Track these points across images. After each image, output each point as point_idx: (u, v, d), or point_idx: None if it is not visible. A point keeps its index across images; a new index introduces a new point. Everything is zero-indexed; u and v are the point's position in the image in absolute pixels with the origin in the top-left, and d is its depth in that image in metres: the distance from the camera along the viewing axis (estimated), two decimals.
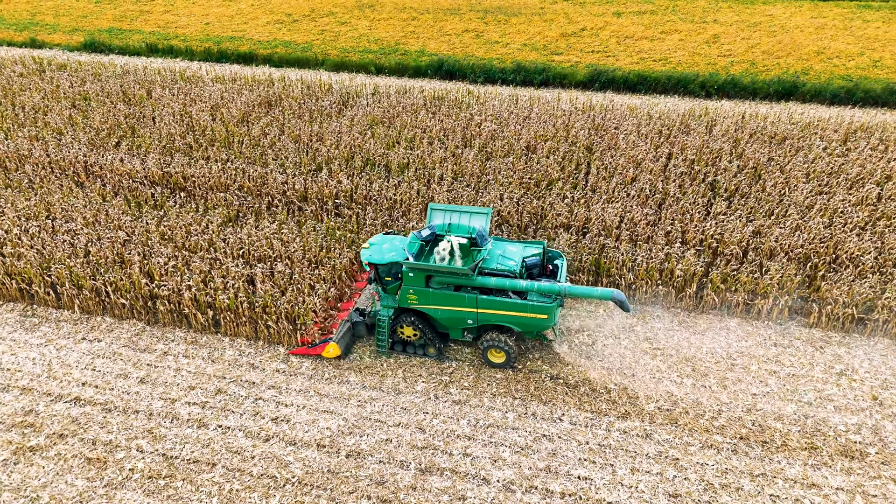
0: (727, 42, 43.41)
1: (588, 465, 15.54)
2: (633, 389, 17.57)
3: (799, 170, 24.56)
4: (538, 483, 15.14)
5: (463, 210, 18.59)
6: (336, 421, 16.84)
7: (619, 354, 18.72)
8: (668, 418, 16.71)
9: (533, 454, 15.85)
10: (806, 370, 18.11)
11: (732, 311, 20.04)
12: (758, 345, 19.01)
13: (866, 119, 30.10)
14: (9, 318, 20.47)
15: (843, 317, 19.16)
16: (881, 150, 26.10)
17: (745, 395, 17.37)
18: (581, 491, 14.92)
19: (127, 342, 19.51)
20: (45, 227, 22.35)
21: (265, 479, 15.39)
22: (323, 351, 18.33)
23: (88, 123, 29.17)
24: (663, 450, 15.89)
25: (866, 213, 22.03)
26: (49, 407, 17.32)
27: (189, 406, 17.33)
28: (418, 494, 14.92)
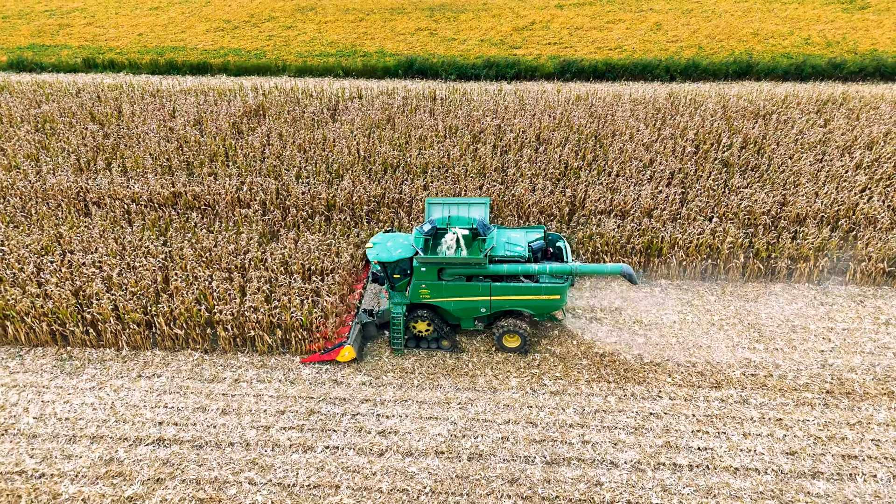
0: (670, 29, 45.65)
1: (703, 435, 16.14)
2: (714, 360, 18.36)
3: (793, 141, 26.36)
4: (663, 459, 15.57)
5: (461, 202, 18.83)
6: (444, 426, 16.58)
7: (688, 330, 19.47)
8: (756, 383, 17.60)
9: (648, 433, 16.27)
10: (857, 324, 19.57)
11: (775, 277, 21.30)
12: (807, 306, 20.34)
13: (829, 91, 32.63)
14: (44, 365, 18.67)
15: (875, 271, 20.82)
16: (854, 119, 28.43)
17: (814, 353, 18.56)
18: (706, 461, 15.48)
19: (190, 374, 18.29)
20: (63, 261, 20.48)
21: (396, 493, 14.95)
22: (337, 356, 18.09)
23: (65, 148, 26.87)
24: (764, 412, 16.74)
25: (866, 177, 23.97)
26: (131, 452, 16.00)
27: (286, 431, 16.51)
28: (555, 486, 14.98)
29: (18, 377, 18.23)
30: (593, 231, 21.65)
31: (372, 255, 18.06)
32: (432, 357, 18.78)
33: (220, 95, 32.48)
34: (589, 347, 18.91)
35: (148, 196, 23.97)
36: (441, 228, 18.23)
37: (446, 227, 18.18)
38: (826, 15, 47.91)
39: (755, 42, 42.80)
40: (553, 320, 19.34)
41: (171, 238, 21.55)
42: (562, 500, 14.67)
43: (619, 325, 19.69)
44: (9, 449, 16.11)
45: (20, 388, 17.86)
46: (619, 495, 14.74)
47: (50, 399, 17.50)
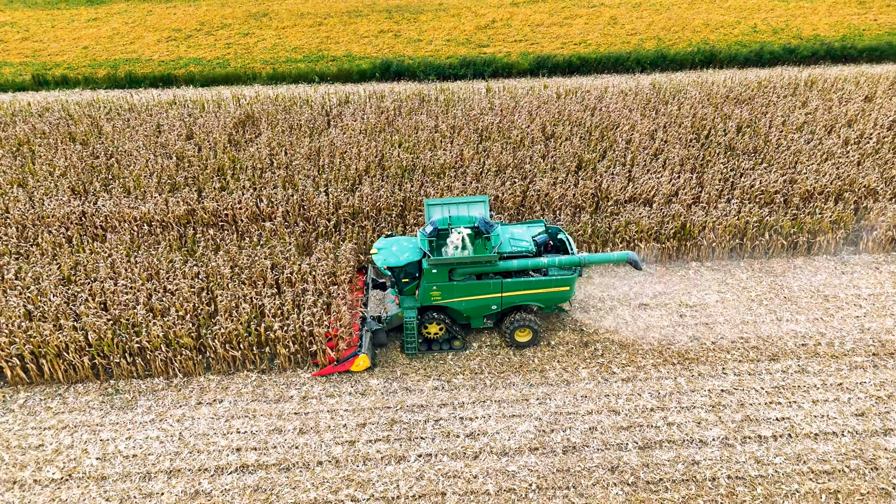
0: (626, 23, 47.20)
1: (777, 406, 16.87)
2: (764, 335, 19.20)
3: (781, 123, 27.83)
4: (747, 432, 16.18)
5: (460, 201, 18.87)
6: (529, 422, 16.63)
7: (731, 308, 20.28)
8: (809, 352, 18.54)
9: (725, 409, 16.86)
10: (879, 289, 20.92)
11: (796, 251, 22.47)
12: (830, 276, 21.57)
13: (793, 75, 34.60)
14: (90, 402, 17.47)
15: (885, 239, 22.31)
16: (827, 100, 30.30)
17: (850, 319, 19.72)
18: (788, 430, 16.20)
19: (253, 396, 17.56)
20: (92, 290, 19.19)
21: (504, 493, 14.90)
22: (352, 366, 17.77)
23: (52, 171, 25.13)
24: (823, 379, 17.66)
25: (857, 152, 25.61)
26: (216, 482, 15.24)
27: (372, 444, 16.14)
28: (655, 470, 15.31)
29: (65, 417, 16.99)
30: (629, 219, 22.14)
31: (379, 260, 17.87)
32: (496, 356, 18.78)
33: (201, 107, 31.18)
34: (646, 332, 19.39)
35: (161, 216, 22.76)
36: (443, 229, 18.21)
37: (448, 227, 18.17)
38: (766, 4, 50.71)
39: (707, 32, 44.83)
40: (560, 311, 19.60)
41: (200, 257, 20.56)
42: (666, 483, 15.01)
43: (667, 309, 20.28)
44: (79, 495, 15.02)
45: (71, 429, 16.65)
46: (719, 471, 15.21)
47: (109, 437, 16.40)
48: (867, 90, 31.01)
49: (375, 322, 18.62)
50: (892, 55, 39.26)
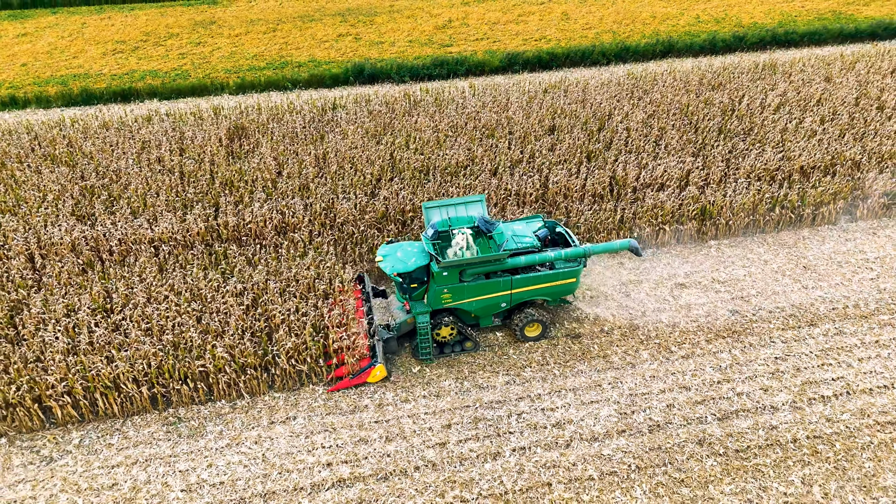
0: (578, 18, 48.60)
1: (828, 367, 18.02)
2: (796, 302, 20.42)
3: (759, 106, 29.51)
4: (811, 394, 17.21)
5: (458, 202, 18.90)
6: (609, 406, 17.05)
7: (760, 280, 21.43)
8: (840, 315, 19.87)
9: (784, 374, 17.86)
10: (882, 252, 22.63)
11: (801, 223, 23.96)
12: (836, 244, 23.16)
13: (754, 60, 36.71)
14: (153, 433, 16.57)
15: (877, 206, 24.15)
16: (792, 82, 32.35)
17: (866, 281, 21.26)
18: (846, 388, 17.33)
19: (327, 409, 17.16)
20: (133, 316, 18.14)
21: (607, 476, 15.25)
22: (368, 377, 17.54)
23: (43, 195, 23.47)
24: (861, 338, 18.98)
25: (836, 129, 27.53)
26: (315, 500, 14.82)
27: (464, 443, 16.13)
28: (739, 437, 16.04)
29: (132, 452, 16.03)
30: (654, 204, 22.95)
31: (387, 267, 17.61)
32: (556, 346, 19.09)
33: (180, 121, 29.86)
34: (689, 310, 20.23)
35: (181, 234, 21.72)
36: (443, 231, 18.14)
37: (448, 229, 18.16)
38: None
39: (656, 24, 46.80)
40: (564, 304, 19.95)
41: (239, 273, 19.80)
42: (753, 449, 15.77)
43: (702, 287, 21.20)
44: None
45: (143, 464, 15.73)
46: (798, 433, 16.11)
47: (187, 467, 15.61)
48: (824, 72, 33.30)
49: (386, 331, 18.26)
50: (828, 38, 42.28)
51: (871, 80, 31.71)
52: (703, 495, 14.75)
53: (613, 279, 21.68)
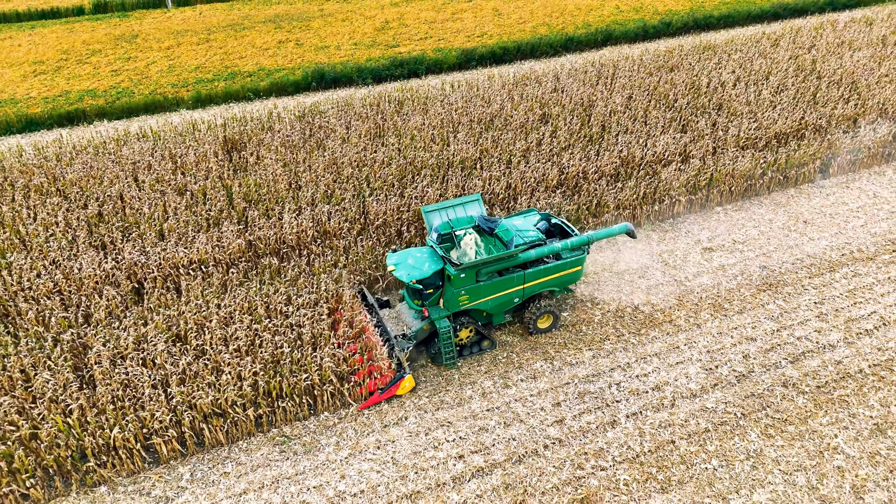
0: (510, 13, 50.22)
1: (861, 305, 20.25)
2: (811, 253, 22.70)
3: (718, 83, 32.15)
4: (856, 329, 19.32)
5: (455, 203, 18.96)
6: (691, 366, 18.33)
7: (772, 237, 23.58)
8: (851, 259, 22.33)
9: (827, 316, 19.89)
10: (861, 202, 25.53)
11: (786, 184, 26.52)
12: (821, 199, 25.85)
13: (690, 42, 39.70)
14: (267, 455, 16.01)
15: (845, 163, 27.18)
16: (735, 61, 35.40)
17: (859, 228, 23.95)
18: (881, 320, 19.58)
19: (434, 405, 17.27)
20: (211, 340, 17.27)
21: (722, 426, 16.46)
22: (398, 389, 17.21)
23: (46, 227, 21.60)
24: (875, 277, 21.44)
25: (787, 99, 30.56)
26: (462, 491, 14.99)
27: (580, 417, 16.81)
28: (815, 375, 17.79)
29: (253, 477, 15.42)
30: (670, 178, 24.58)
31: (403, 276, 17.08)
32: (623, 318, 20.14)
33: (158, 139, 28.23)
34: (724, 270, 21.97)
35: (220, 254, 20.79)
36: (445, 234, 18.07)
37: (451, 231, 18.04)
38: None
39: (583, 15, 49.32)
40: (568, 292, 20.64)
41: (302, 285, 19.32)
42: (831, 384, 17.56)
43: (727, 249, 23.05)
44: None
45: (271, 486, 15.18)
46: (861, 364, 18.10)
47: (320, 482, 15.25)
48: (754, 49, 36.67)
49: (406, 340, 17.94)
50: (739, 20, 46.40)
51: (797, 54, 35.33)
52: (807, 429, 16.30)
53: (646, 252, 23.04)
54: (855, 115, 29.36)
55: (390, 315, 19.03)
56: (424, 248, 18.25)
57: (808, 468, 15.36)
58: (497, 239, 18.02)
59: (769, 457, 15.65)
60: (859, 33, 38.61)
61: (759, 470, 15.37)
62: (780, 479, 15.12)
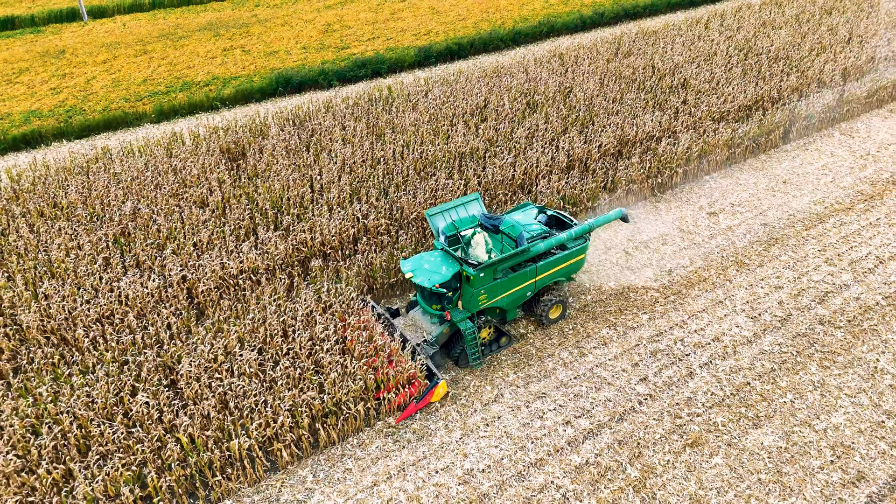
0: (447, 10, 51.19)
1: (856, 248, 22.87)
2: (800, 208, 25.25)
3: (674, 65, 34.71)
4: (860, 268, 21.85)
5: (456, 204, 19.15)
6: (739, 316, 20.13)
7: (764, 199, 25.99)
8: (833, 210, 25.04)
9: (833, 260, 22.33)
10: (822, 161, 28.59)
11: (759, 150, 29.23)
12: (790, 161, 28.70)
13: (630, 29, 42.34)
14: (382, 446, 16.24)
15: (801, 128, 30.31)
16: (677, 45, 38.22)
17: (829, 184, 26.85)
18: (878, 259, 22.25)
19: (522, 380, 18.05)
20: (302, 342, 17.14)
21: (789, 364, 18.29)
22: (433, 397, 17.05)
23: (63, 253, 20.38)
24: (859, 224, 24.17)
25: (738, 74, 33.53)
26: (591, 447, 15.88)
27: (659, 374, 18.13)
28: (843, 311, 20.04)
29: (378, 469, 15.63)
30: (666, 150, 26.50)
31: (424, 282, 16.88)
32: (648, 291, 21.64)
33: (143, 154, 27.06)
34: (733, 230, 24.08)
35: (268, 261, 20.48)
36: (451, 235, 18.24)
37: (456, 232, 18.21)
38: None
39: (517, 9, 51.13)
40: (570, 280, 20.95)
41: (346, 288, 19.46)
42: (859, 317, 19.83)
43: (728, 212, 25.21)
44: None
45: (399, 475, 15.49)
46: (875, 298, 20.55)
47: (445, 465, 15.69)
48: (691, 33, 39.75)
49: (430, 346, 17.82)
50: (661, 8, 49.83)
51: (730, 35, 38.68)
52: (855, 357, 18.45)
53: (660, 221, 24.78)
54: (798, 86, 32.66)
55: (407, 323, 18.56)
56: (434, 251, 18.15)
57: (867, 390, 17.44)
58: (504, 235, 18.24)
59: (832, 385, 17.61)
60: (774, 14, 42.69)
61: (827, 397, 17.28)
62: (848, 402, 17.09)
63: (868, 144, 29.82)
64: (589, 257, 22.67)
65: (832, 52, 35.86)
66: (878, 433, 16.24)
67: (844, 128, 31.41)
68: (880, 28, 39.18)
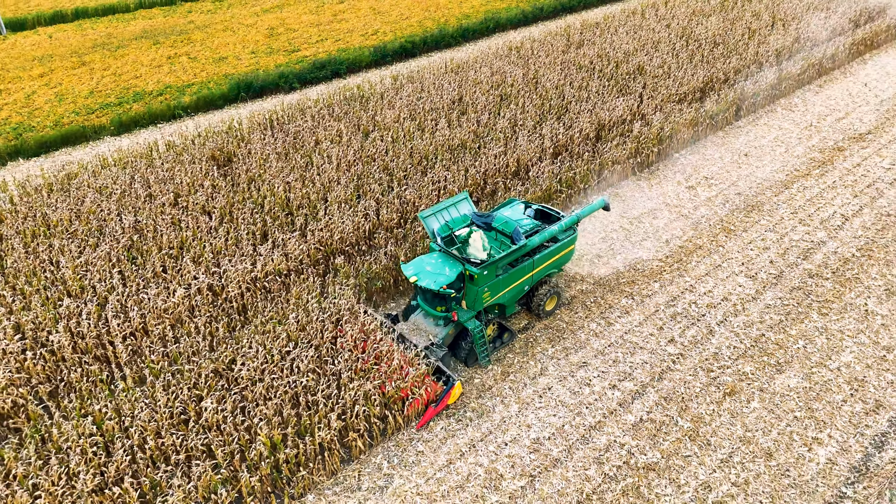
0: (389, 10, 51.63)
1: (822, 208, 25.23)
2: (764, 176, 27.51)
3: (624, 53, 36.70)
4: (830, 227, 24.18)
5: (447, 204, 19.15)
6: (740, 277, 21.90)
7: (731, 172, 28.13)
8: (792, 178, 27.42)
9: (805, 220, 24.59)
10: (772, 135, 31.16)
11: (717, 128, 31.51)
12: (745, 136, 31.08)
13: (570, 23, 44.21)
14: (447, 427, 16.73)
15: (749, 106, 32.88)
16: (621, 35, 40.33)
17: (784, 154, 29.37)
18: (842, 216, 24.67)
19: (560, 353, 19.00)
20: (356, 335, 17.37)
21: (790, 315, 20.11)
22: (450, 399, 16.99)
23: (71, 272, 19.62)
24: (819, 188, 26.60)
25: (686, 59, 35.87)
26: (618, 419, 17.01)
27: (683, 334, 19.53)
28: (825, 265, 22.15)
29: (448, 448, 16.15)
30: (642, 131, 28.15)
31: (432, 284, 16.84)
32: (654, 261, 23.16)
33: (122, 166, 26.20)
34: (713, 200, 25.95)
35: (286, 262, 20.47)
36: (445, 237, 18.22)
37: (451, 232, 18.29)
38: None
39: (456, 7, 52.24)
40: (560, 271, 21.53)
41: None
42: (841, 269, 21.99)
43: (704, 185, 27.12)
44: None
45: (470, 451, 16.07)
46: (850, 250, 22.81)
47: (511, 437, 16.39)
48: (631, 23, 42.04)
49: (439, 349, 17.80)
50: (595, 2, 52.22)
51: (668, 23, 41.22)
52: (846, 302, 20.52)
53: (646, 197, 26.36)
54: (740, 67, 35.32)
55: (410, 328, 18.32)
56: (433, 253, 18.10)
57: (864, 330, 19.48)
58: (497, 232, 18.55)
59: (834, 329, 19.56)
60: (702, 3, 45.72)
61: (832, 340, 19.18)
62: (851, 343, 19.05)
63: (808, 117, 32.69)
64: (594, 236, 23.91)
65: (762, 35, 38.91)
66: (883, 366, 18.23)
67: (784, 103, 34.25)
68: (799, 11, 42.79)
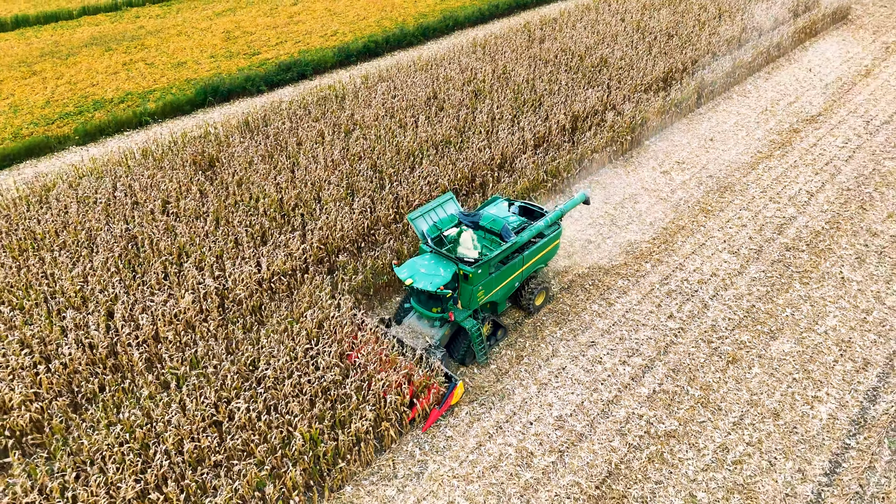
0: (344, 11, 51.52)
1: (788, 187, 26.81)
2: (731, 161, 28.98)
3: (586, 47, 37.87)
4: (798, 203, 25.75)
5: (433, 205, 19.37)
6: (724, 254, 23.12)
7: (700, 154, 29.50)
8: (756, 159, 28.99)
9: (776, 198, 26.11)
10: (732, 120, 32.79)
11: (681, 115, 32.95)
12: (707, 122, 32.59)
13: (528, 19, 45.22)
14: (472, 412, 17.20)
15: (708, 93, 34.50)
16: (580, 29, 41.53)
17: (745, 138, 30.99)
18: (808, 193, 26.30)
19: (568, 334, 19.67)
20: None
21: (777, 286, 21.38)
22: (453, 399, 17.03)
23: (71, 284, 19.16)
24: (783, 168, 28.23)
25: (644, 51, 37.31)
26: (650, 382, 17.86)
27: (681, 309, 20.53)
28: (799, 239, 23.62)
29: (475, 431, 16.58)
30: (616, 120, 29.20)
31: (428, 285, 16.82)
32: (642, 243, 24.18)
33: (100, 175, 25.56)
34: (687, 185, 27.20)
35: (292, 262, 20.50)
36: (434, 237, 18.46)
37: (440, 233, 18.58)
38: None
39: (411, 6, 52.61)
40: (545, 266, 21.26)
41: None
42: (814, 241, 23.47)
43: (677, 169, 28.38)
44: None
45: (498, 432, 16.57)
46: (820, 223, 24.36)
47: (537, 415, 16.95)
48: (586, 18, 43.35)
49: (438, 350, 17.83)
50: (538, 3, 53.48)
51: (622, 17, 42.71)
52: (823, 272, 21.96)
53: (625, 184, 27.41)
54: (696, 57, 36.97)
55: (405, 331, 18.21)
56: (425, 255, 18.10)
57: (843, 296, 20.92)
58: (484, 230, 18.72)
59: (816, 297, 20.92)
60: None
61: (816, 306, 20.53)
62: (834, 308, 20.43)
63: (762, 102, 34.53)
64: (582, 222, 24.74)
65: (711, 26, 40.77)
66: (864, 327, 19.65)
67: (738, 90, 36.05)
68: (742, 2, 44.98)
